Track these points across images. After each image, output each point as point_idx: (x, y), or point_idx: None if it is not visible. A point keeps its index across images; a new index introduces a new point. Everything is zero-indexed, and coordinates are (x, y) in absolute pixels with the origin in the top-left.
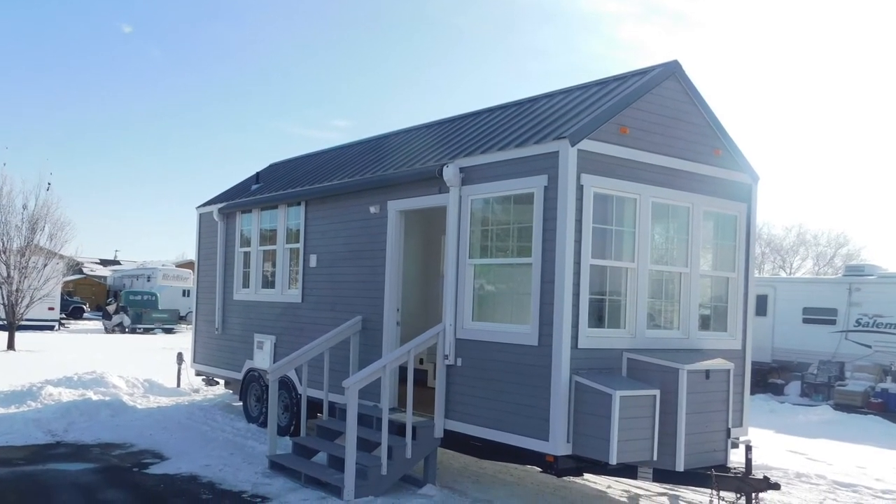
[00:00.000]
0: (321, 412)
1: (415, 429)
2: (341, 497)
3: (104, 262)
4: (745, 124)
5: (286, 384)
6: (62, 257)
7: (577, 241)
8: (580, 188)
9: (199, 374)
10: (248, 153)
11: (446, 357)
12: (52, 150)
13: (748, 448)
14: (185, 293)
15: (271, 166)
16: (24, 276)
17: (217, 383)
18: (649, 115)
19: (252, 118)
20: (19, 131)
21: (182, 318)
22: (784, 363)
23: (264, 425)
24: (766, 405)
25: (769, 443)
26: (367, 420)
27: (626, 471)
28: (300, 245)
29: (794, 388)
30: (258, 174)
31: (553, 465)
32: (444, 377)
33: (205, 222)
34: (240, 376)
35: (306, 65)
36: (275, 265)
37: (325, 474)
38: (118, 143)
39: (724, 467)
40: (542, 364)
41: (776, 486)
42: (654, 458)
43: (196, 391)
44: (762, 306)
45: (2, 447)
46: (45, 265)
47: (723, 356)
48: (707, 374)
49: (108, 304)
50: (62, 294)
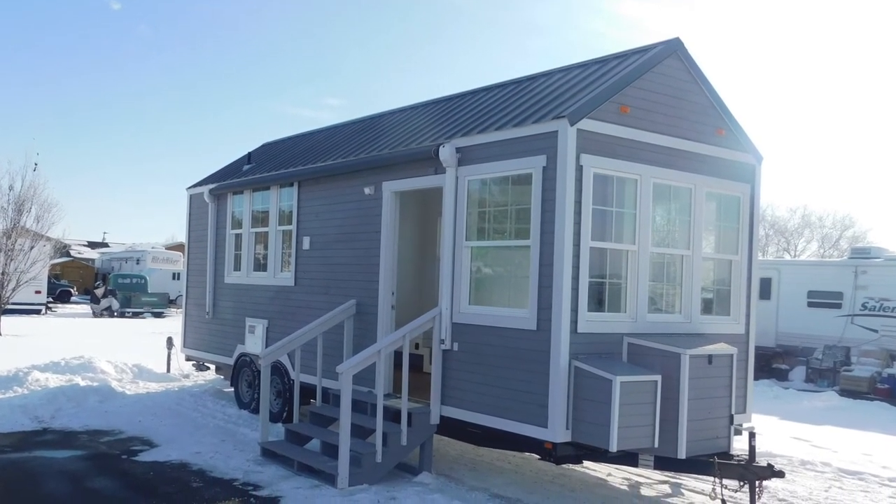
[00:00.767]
0: (314, 398)
1: (410, 415)
2: (335, 485)
3: (92, 245)
4: (749, 103)
5: (278, 369)
6: (49, 239)
7: (577, 222)
8: (579, 169)
9: (189, 359)
10: (239, 133)
11: (442, 342)
12: (39, 129)
13: (752, 435)
14: (175, 276)
15: (263, 146)
16: (10, 259)
17: (208, 368)
18: (650, 94)
19: (243, 97)
20: (5, 110)
21: (172, 302)
22: (788, 348)
23: (256, 412)
24: (770, 391)
25: (773, 429)
26: (362, 406)
27: (627, 458)
28: (293, 227)
29: (798, 373)
30: (250, 154)
31: (552, 453)
32: (440, 362)
33: (195, 204)
34: (231, 361)
35: (298, 42)
36: (267, 248)
37: (318, 462)
38: (107, 123)
39: (726, 455)
40: (540, 349)
41: (780, 474)
42: (656, 445)
43: (186, 377)
44: (766, 290)
45: None
46: (32, 247)
47: (726, 341)
48: (709, 359)
49: (97, 288)
50: (49, 277)
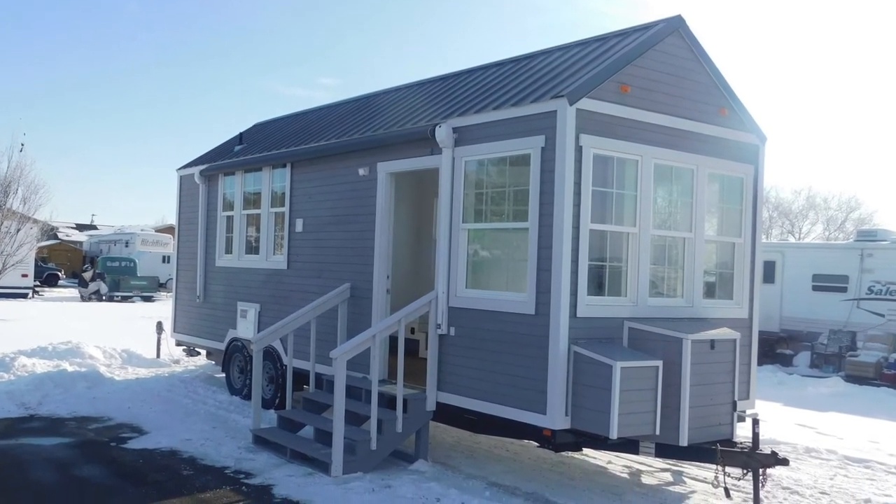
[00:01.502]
0: (307, 384)
1: (406, 401)
2: (328, 473)
3: (80, 227)
4: (753, 83)
5: (271, 355)
6: (36, 222)
7: (576, 204)
8: (579, 149)
9: (179, 344)
10: (230, 113)
11: (439, 326)
12: (26, 109)
13: (755, 422)
14: (165, 259)
15: (255, 126)
16: None
17: (198, 354)
18: (652, 73)
19: (234, 76)
20: None
21: (162, 286)
22: (793, 333)
23: (248, 398)
24: (774, 377)
25: (777, 416)
26: (356, 392)
27: (628, 446)
28: (285, 209)
29: (803, 358)
30: (242, 135)
31: (550, 440)
32: (436, 347)
33: (186, 185)
34: (222, 346)
35: (291, 19)
36: (259, 230)
37: (311, 449)
38: (95, 102)
39: (729, 442)
40: (539, 333)
41: (785, 462)
42: (657, 432)
43: (176, 362)
44: (770, 273)
45: None
46: (19, 230)
47: (729, 325)
48: (712, 344)
49: (85, 271)
50: (36, 260)
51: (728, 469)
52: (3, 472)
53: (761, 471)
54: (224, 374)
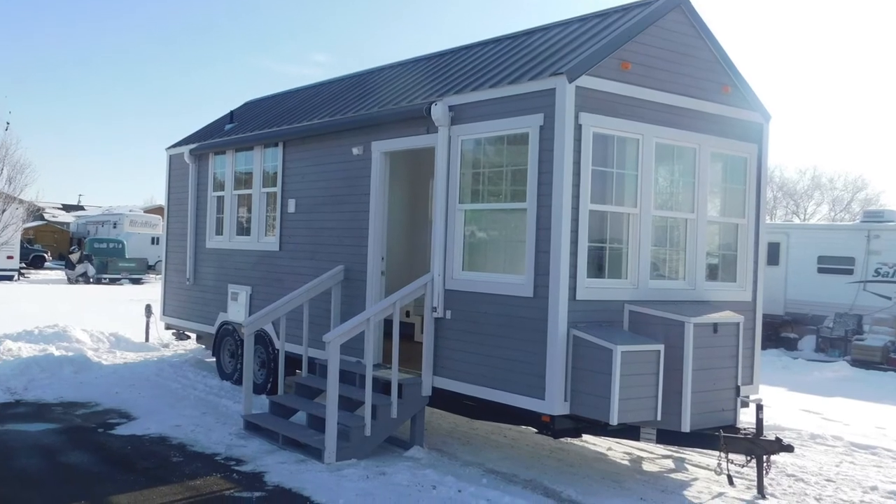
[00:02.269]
0: (300, 369)
1: (401, 386)
2: (322, 460)
3: (67, 208)
4: (756, 59)
5: (262, 338)
6: (22, 202)
7: (576, 184)
8: (578, 128)
9: (168, 327)
10: (221, 91)
11: (434, 309)
12: (11, 87)
13: (759, 407)
14: (154, 241)
15: (247, 104)
16: None
17: (188, 337)
18: (653, 50)
19: (225, 53)
20: None
21: (151, 268)
22: (798, 316)
23: (239, 383)
24: (779, 361)
25: (782, 402)
26: (350, 377)
27: (628, 432)
28: (277, 189)
29: (808, 342)
30: (232, 113)
31: (549, 426)
32: (432, 331)
33: (175, 165)
34: (213, 330)
35: None
36: (250, 211)
37: (304, 435)
38: (83, 80)
39: (733, 428)
40: (537, 317)
41: (789, 448)
42: (658, 418)
43: (166, 346)
44: (774, 255)
45: None
46: (4, 211)
47: (732, 308)
48: (715, 327)
49: (72, 253)
50: (22, 242)
51: (731, 456)
52: None
53: (765, 457)
54: (214, 359)
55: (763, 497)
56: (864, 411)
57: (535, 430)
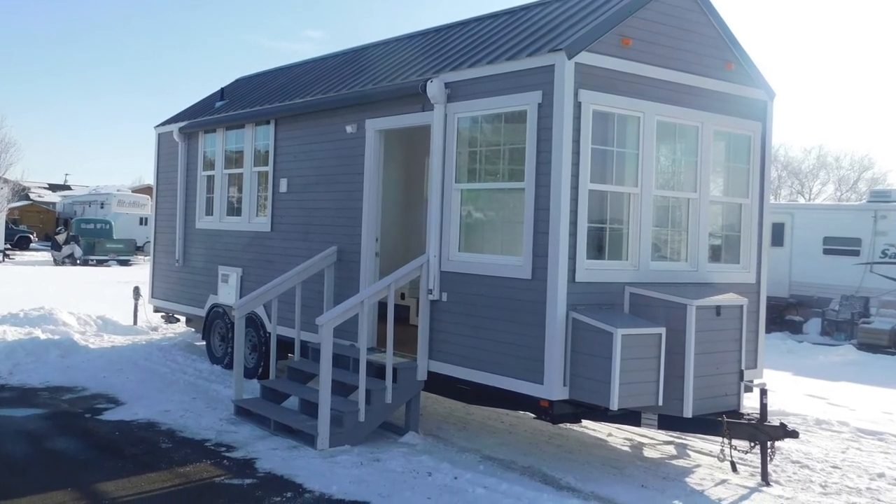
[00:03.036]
0: (292, 352)
1: (395, 371)
2: (314, 446)
3: (53, 188)
4: (760, 35)
5: (254, 321)
6: (6, 182)
7: (575, 163)
8: (578, 105)
9: (157, 310)
10: (212, 67)
11: (430, 292)
12: None
13: (763, 392)
14: (143, 221)
15: (237, 81)
16: None
17: (177, 321)
18: (654, 25)
19: (216, 29)
20: None
21: (139, 249)
22: (803, 298)
23: (229, 367)
24: (783, 345)
25: (786, 386)
26: (343, 361)
27: (629, 417)
28: (269, 168)
29: (813, 325)
30: (223, 90)
31: (548, 411)
32: (427, 314)
33: (164, 143)
34: (202, 313)
35: None
36: (241, 190)
37: (296, 421)
38: (70, 56)
39: (736, 413)
40: (535, 299)
41: (794, 434)
42: (660, 403)
43: (154, 329)
44: (778, 236)
45: None
46: None
47: (735, 290)
48: (718, 310)
49: (58, 234)
50: (7, 222)
51: (735, 442)
52: None
53: (769, 444)
54: (204, 342)
55: (767, 484)
56: (871, 396)
57: (533, 415)
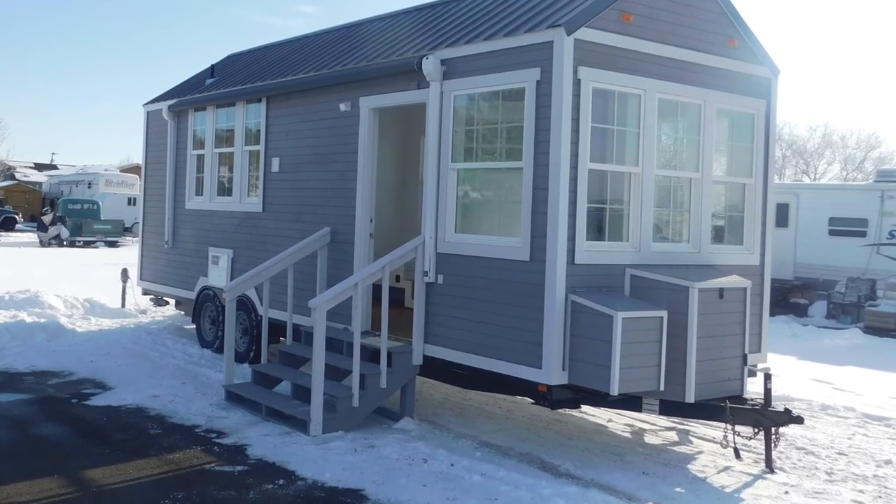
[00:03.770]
0: (284, 336)
1: (390, 355)
2: (307, 432)
3: (39, 167)
4: (764, 11)
5: (245, 304)
6: None
7: (574, 142)
8: (577, 83)
9: (146, 292)
10: (202, 44)
11: (426, 274)
12: None
13: (767, 377)
14: (131, 201)
15: (228, 58)
16: None
17: (167, 303)
18: (656, 1)
19: (206, 4)
20: None
21: (127, 230)
22: (808, 281)
23: (220, 351)
24: (788, 328)
25: (791, 371)
26: (337, 345)
27: (629, 402)
28: (261, 147)
29: (818, 308)
30: (213, 67)
31: (546, 396)
32: (423, 297)
33: (153, 121)
34: (192, 295)
35: None
36: (232, 170)
37: (288, 406)
38: (56, 33)
39: (739, 398)
40: (534, 282)
41: (799, 420)
42: (661, 388)
43: (143, 312)
44: (783, 216)
45: None
46: None
47: (739, 272)
48: (721, 292)
49: (44, 214)
50: None
51: (738, 428)
52: None
53: (774, 429)
54: (194, 326)
55: (771, 471)
56: (878, 381)
57: (531, 400)
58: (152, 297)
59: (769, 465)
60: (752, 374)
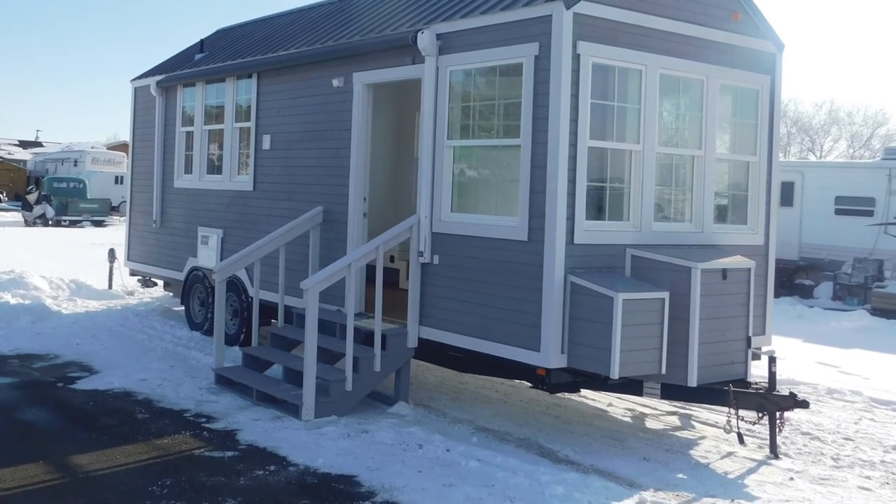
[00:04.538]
0: (275, 318)
1: (385, 337)
2: (299, 416)
3: (24, 144)
4: None
5: (235, 286)
6: None
7: (573, 119)
8: (576, 58)
9: (133, 273)
10: (191, 18)
11: (421, 254)
12: None
13: (772, 360)
14: (118, 180)
15: (218, 32)
16: None
17: (155, 284)
18: None
19: None
20: None
21: (114, 209)
22: (813, 261)
23: (210, 333)
24: (793, 310)
25: (796, 354)
26: (330, 327)
27: (630, 386)
28: (251, 124)
29: (824, 289)
30: (203, 42)
31: (545, 380)
32: (418, 278)
33: (141, 98)
34: (181, 276)
35: None
36: (222, 147)
37: (280, 390)
38: (41, 6)
39: (743, 382)
40: (532, 262)
41: (804, 404)
42: (663, 371)
43: (130, 294)
44: (788, 195)
45: None
46: None
47: (742, 253)
48: (724, 273)
49: (29, 193)
50: None
51: (742, 412)
52: None
53: (778, 414)
54: (183, 308)
55: (776, 457)
56: (886, 364)
57: (529, 384)
58: (140, 278)
59: (774, 451)
60: (757, 357)
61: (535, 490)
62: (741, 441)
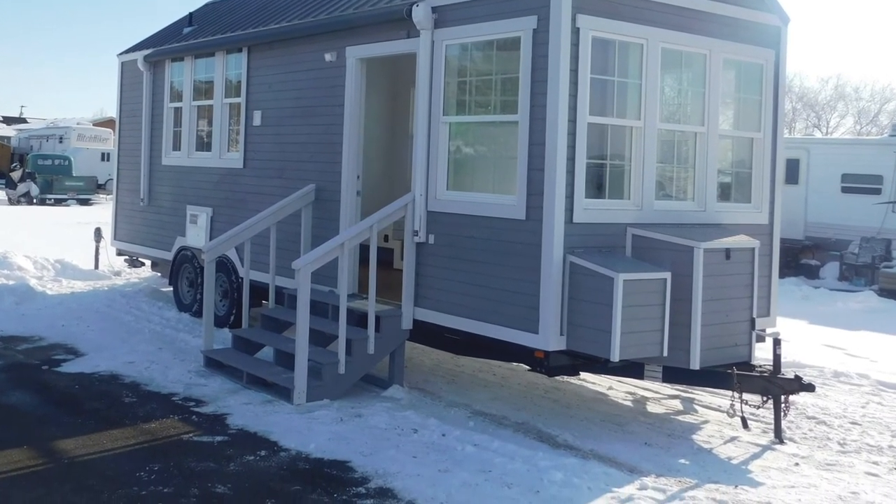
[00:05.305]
0: (266, 299)
1: (378, 319)
2: (290, 400)
3: (8, 121)
4: None
5: (225, 266)
6: None
7: (573, 95)
8: (576, 31)
9: (120, 253)
10: None
11: (416, 233)
12: None
13: (776, 342)
14: (105, 157)
15: (208, 6)
16: None
17: (142, 264)
18: None
19: None
20: None
21: (100, 187)
22: (819, 241)
23: (199, 315)
24: (798, 291)
25: (801, 336)
26: (322, 308)
27: (631, 369)
28: (241, 100)
29: (830, 270)
30: (192, 15)
31: (543, 363)
32: (413, 258)
33: (128, 73)
34: (169, 256)
35: None
36: (211, 124)
37: (271, 373)
38: None
39: (747, 365)
40: (530, 241)
41: (810, 388)
42: (664, 354)
43: (117, 274)
44: (793, 173)
45: None
46: None
47: (746, 232)
48: (727, 253)
49: (13, 170)
50: None
51: (746, 396)
52: None
53: (783, 398)
54: (171, 288)
55: (781, 441)
56: (893, 346)
57: (527, 367)
58: (127, 257)
59: (778, 436)
60: (761, 339)
61: (533, 476)
62: (745, 425)
